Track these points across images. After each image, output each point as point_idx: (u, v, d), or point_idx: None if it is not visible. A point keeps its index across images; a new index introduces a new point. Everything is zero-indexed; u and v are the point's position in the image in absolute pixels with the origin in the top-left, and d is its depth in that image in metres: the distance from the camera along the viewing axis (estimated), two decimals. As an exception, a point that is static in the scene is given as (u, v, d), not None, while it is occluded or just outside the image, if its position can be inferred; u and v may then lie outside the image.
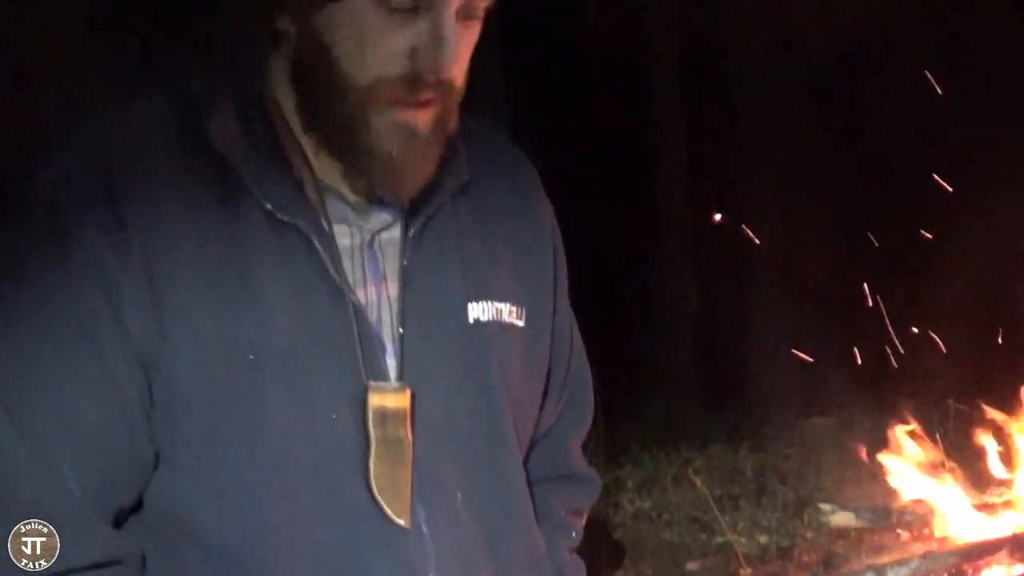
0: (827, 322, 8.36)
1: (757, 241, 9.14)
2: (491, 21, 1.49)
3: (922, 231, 7.78)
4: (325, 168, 1.46)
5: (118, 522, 1.44)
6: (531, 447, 1.67)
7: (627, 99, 9.93)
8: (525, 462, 1.64)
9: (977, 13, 8.19)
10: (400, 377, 1.46)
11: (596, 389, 1.81)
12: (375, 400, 1.43)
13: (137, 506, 1.45)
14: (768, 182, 9.24)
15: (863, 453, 4.90)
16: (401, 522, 1.44)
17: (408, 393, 1.46)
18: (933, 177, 7.79)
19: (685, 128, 9.46)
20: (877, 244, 8.11)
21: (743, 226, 9.26)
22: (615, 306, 8.99)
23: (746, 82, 9.25)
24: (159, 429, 1.41)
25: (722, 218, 9.60)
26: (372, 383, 1.44)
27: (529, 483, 1.64)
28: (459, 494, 1.49)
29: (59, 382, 1.38)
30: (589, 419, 1.79)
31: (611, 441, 5.63)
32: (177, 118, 1.44)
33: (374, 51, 1.38)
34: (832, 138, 8.97)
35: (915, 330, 7.52)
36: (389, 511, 1.44)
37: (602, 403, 1.83)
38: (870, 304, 7.57)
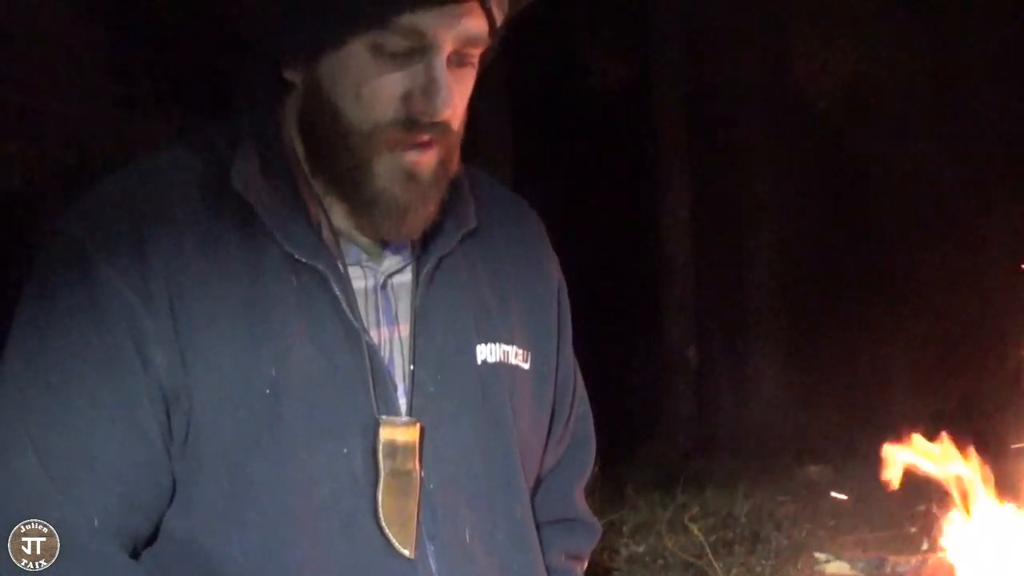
0: (825, 371, 8.39)
1: (756, 286, 9.17)
2: (498, 73, 1.54)
3: (923, 281, 7.82)
4: (338, 213, 1.51)
5: (135, 551, 1.47)
6: (534, 490, 1.70)
7: (632, 147, 10.01)
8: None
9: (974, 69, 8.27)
10: (410, 412, 1.51)
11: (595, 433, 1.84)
12: (386, 434, 1.48)
13: (154, 536, 1.49)
14: (769, 231, 9.30)
15: (858, 501, 4.90)
16: (406, 553, 1.48)
17: (418, 427, 1.50)
18: (935, 227, 7.84)
19: (689, 187, 9.53)
20: (877, 296, 8.16)
21: (743, 271, 9.29)
22: (614, 351, 9.01)
23: (749, 131, 9.32)
24: (179, 461, 1.46)
25: (722, 264, 9.64)
26: (384, 417, 1.48)
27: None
28: (468, 529, 1.53)
29: (84, 416, 1.42)
30: (591, 465, 1.83)
31: (608, 485, 5.64)
32: (200, 165, 1.50)
33: (371, 96, 1.43)
34: (834, 188, 9.03)
35: (913, 379, 7.53)
36: (395, 542, 1.48)
37: (599, 447, 1.85)
38: (868, 354, 7.60)
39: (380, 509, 1.47)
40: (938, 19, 8.43)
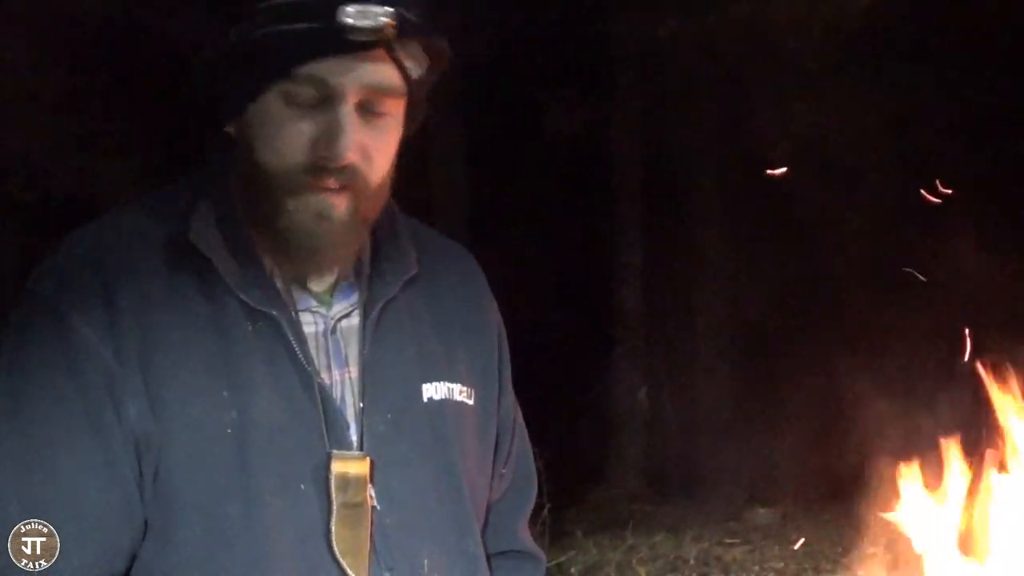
0: (774, 416, 8.48)
1: (706, 332, 9.27)
2: (455, 125, 1.62)
3: (875, 330, 7.91)
4: (285, 262, 1.60)
5: None
6: (482, 524, 1.78)
7: (586, 198, 10.11)
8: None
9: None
10: (360, 448, 1.59)
11: (544, 476, 1.91)
12: (338, 467, 1.56)
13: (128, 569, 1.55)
14: (720, 279, 9.42)
15: (806, 544, 4.96)
16: None
17: (368, 461, 1.58)
18: (886, 276, 7.94)
19: (641, 235, 9.64)
20: (828, 344, 8.26)
21: (693, 321, 9.39)
22: (566, 395, 9.07)
23: (703, 183, 9.46)
24: (151, 504, 1.52)
25: (673, 310, 9.73)
26: (335, 452, 1.57)
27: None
28: (426, 561, 1.61)
29: (65, 465, 1.49)
30: (534, 497, 1.91)
31: (556, 528, 5.68)
32: (161, 223, 1.59)
33: (282, 143, 1.52)
34: (786, 238, 9.15)
35: (863, 425, 7.62)
36: (350, 572, 1.55)
37: (549, 490, 1.93)
38: (818, 401, 7.70)
39: (334, 540, 1.54)
40: (891, 77, 8.60)
